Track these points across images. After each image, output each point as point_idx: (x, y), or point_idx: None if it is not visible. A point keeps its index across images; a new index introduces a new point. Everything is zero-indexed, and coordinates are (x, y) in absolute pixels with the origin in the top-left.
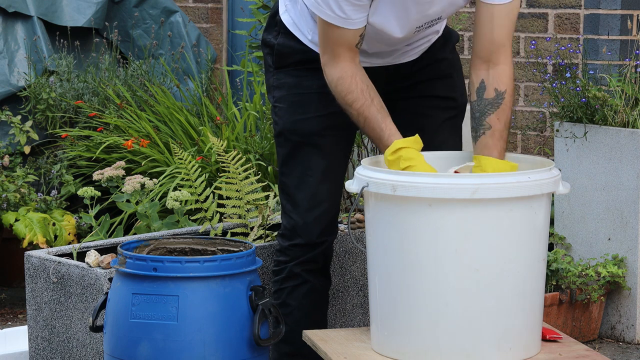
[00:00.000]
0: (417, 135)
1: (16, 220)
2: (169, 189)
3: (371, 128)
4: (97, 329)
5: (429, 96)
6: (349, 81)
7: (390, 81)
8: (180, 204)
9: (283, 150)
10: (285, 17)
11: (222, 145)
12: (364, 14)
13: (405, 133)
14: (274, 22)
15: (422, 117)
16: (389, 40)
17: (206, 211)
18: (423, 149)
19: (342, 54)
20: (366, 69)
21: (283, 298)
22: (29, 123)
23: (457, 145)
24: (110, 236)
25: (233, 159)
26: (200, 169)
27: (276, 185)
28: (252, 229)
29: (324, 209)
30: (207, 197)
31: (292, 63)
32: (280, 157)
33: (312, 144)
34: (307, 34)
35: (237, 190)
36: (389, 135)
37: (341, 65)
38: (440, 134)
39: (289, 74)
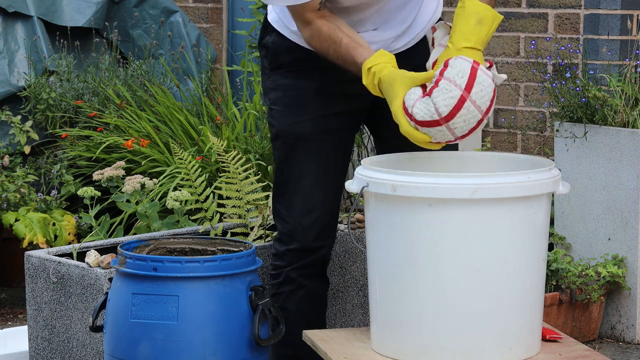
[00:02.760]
0: (381, 50)
1: (16, 220)
2: (169, 189)
3: (349, 65)
4: (97, 329)
5: None
6: (317, 36)
7: None
8: (180, 204)
9: (279, 153)
10: (271, 16)
11: (222, 145)
12: None
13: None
14: (265, 23)
15: None
16: None
17: (206, 211)
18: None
19: (309, 17)
20: None
21: (280, 302)
22: (29, 123)
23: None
24: (110, 236)
25: (233, 158)
26: (200, 169)
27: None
28: (252, 229)
29: (319, 213)
30: (207, 197)
31: (286, 63)
32: (277, 160)
33: (309, 147)
34: (290, 26)
35: (237, 190)
36: (360, 62)
37: (311, 24)
38: None
39: (284, 75)
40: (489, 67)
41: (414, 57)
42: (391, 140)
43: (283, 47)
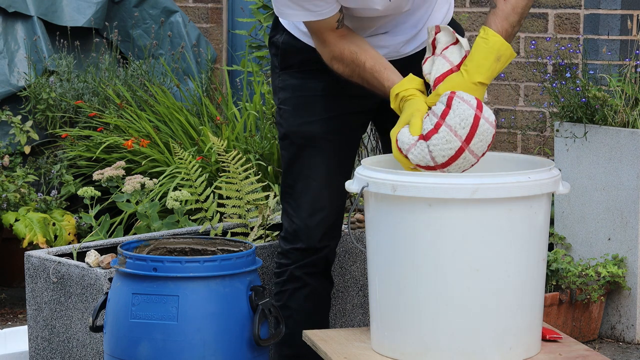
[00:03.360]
0: (411, 74)
1: (16, 220)
2: (169, 189)
3: (376, 88)
4: (97, 329)
5: None
6: (339, 57)
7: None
8: (180, 204)
9: (287, 153)
10: None
11: (222, 145)
12: (330, 4)
13: None
14: (276, 22)
15: None
16: (374, 12)
17: (206, 211)
18: None
19: (327, 37)
20: None
21: (284, 300)
22: (29, 123)
23: None
24: (110, 236)
25: (233, 158)
26: (200, 169)
27: (276, 185)
28: (252, 229)
29: (326, 213)
30: (207, 197)
31: (296, 63)
32: (285, 160)
33: (317, 147)
34: (300, 27)
35: (237, 190)
36: (388, 87)
37: (330, 46)
38: None
39: (294, 75)
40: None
41: (420, 61)
42: None
43: (293, 47)
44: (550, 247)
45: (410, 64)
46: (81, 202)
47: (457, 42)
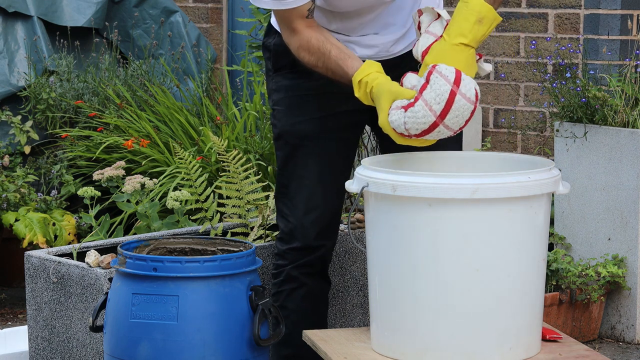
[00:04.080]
0: (368, 60)
1: (16, 220)
2: (169, 189)
3: (339, 77)
4: (97, 329)
5: None
6: (305, 47)
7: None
8: (181, 204)
9: (282, 153)
10: (274, 18)
11: (222, 145)
12: None
13: None
14: (269, 26)
15: None
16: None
17: (206, 211)
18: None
19: (297, 25)
20: None
21: (281, 301)
22: (29, 123)
23: (458, 143)
24: (110, 236)
25: (233, 158)
26: (200, 169)
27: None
28: (252, 228)
29: (320, 211)
30: (208, 197)
31: (288, 64)
32: (279, 160)
33: (311, 146)
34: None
35: (237, 190)
36: (351, 74)
37: (299, 35)
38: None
39: (286, 76)
40: (478, 59)
41: (411, 60)
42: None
43: (284, 49)
44: (550, 247)
45: (401, 63)
46: (81, 202)
47: (439, 17)
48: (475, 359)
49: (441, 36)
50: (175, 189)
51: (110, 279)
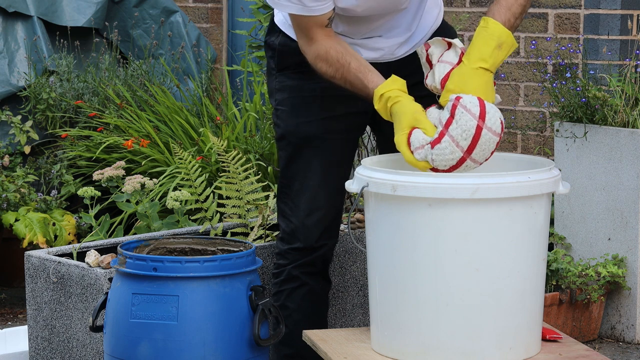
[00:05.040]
0: (393, 75)
1: (16, 220)
2: (169, 189)
3: (358, 89)
4: (97, 329)
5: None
6: (324, 57)
7: None
8: (180, 204)
9: (284, 154)
10: (278, 17)
11: (222, 145)
12: (327, 2)
13: None
14: (272, 24)
15: None
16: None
17: (206, 211)
18: None
19: (315, 34)
20: None
21: (282, 300)
22: (29, 123)
23: None
24: (110, 236)
25: (233, 158)
26: (200, 169)
27: (276, 185)
28: (252, 228)
29: (323, 212)
30: (207, 197)
31: (293, 64)
32: (282, 161)
33: (314, 147)
34: None
35: (237, 190)
36: (372, 88)
37: (316, 44)
38: None
39: (290, 76)
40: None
41: (413, 62)
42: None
43: (290, 49)
44: (550, 247)
45: (403, 66)
46: (81, 202)
47: (450, 46)
48: (475, 358)
49: (458, 63)
50: (175, 189)
51: (110, 279)
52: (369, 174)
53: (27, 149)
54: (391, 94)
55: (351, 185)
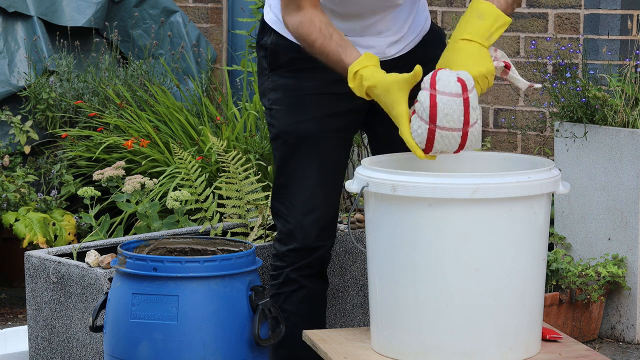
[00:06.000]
0: (367, 52)
1: (16, 220)
2: (169, 189)
3: (333, 62)
4: (97, 329)
5: None
6: (307, 24)
7: None
8: (180, 204)
9: (280, 153)
10: (269, 17)
11: (222, 145)
12: None
13: None
14: (263, 24)
15: None
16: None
17: (206, 211)
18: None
19: (303, 2)
20: None
21: (280, 303)
22: (29, 123)
23: None
24: (110, 236)
25: (233, 158)
26: (200, 169)
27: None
28: (252, 229)
29: (321, 212)
30: (207, 197)
31: (285, 63)
32: (277, 160)
33: (310, 146)
34: None
35: (237, 190)
36: (347, 64)
37: (302, 12)
38: None
39: (284, 75)
40: (507, 68)
41: (404, 64)
42: (386, 137)
43: (282, 47)
44: (550, 247)
45: (395, 66)
46: (81, 202)
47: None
48: (475, 358)
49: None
50: (175, 189)
51: (110, 279)
52: (369, 174)
53: (27, 149)
54: (365, 71)
55: (351, 185)
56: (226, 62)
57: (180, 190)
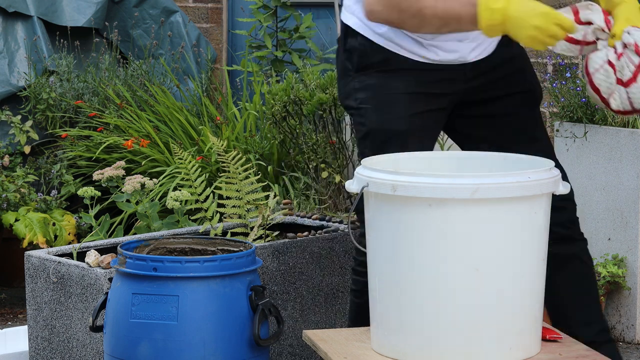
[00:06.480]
0: None
1: (16, 220)
2: (169, 189)
3: (455, 14)
4: (97, 329)
5: (512, 94)
6: None
7: (470, 79)
8: (180, 204)
9: (370, 152)
10: (352, 21)
11: (222, 145)
12: None
13: (501, 136)
14: (347, 30)
15: (512, 117)
16: None
17: (206, 211)
18: (519, 148)
19: None
20: (444, 69)
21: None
22: (29, 123)
23: (547, 138)
24: (110, 236)
25: (233, 158)
26: (200, 169)
27: (276, 185)
28: (252, 229)
29: None
30: (207, 197)
31: (374, 64)
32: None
33: (400, 144)
34: (376, 29)
35: (237, 190)
36: (474, 3)
37: None
38: (536, 130)
39: (373, 76)
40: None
41: (487, 66)
42: (487, 139)
43: (370, 50)
44: None
45: (479, 69)
46: (81, 202)
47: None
48: (475, 358)
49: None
50: (175, 189)
51: (110, 279)
52: (369, 174)
53: (27, 149)
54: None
55: (351, 185)
56: (226, 62)
57: (180, 190)
